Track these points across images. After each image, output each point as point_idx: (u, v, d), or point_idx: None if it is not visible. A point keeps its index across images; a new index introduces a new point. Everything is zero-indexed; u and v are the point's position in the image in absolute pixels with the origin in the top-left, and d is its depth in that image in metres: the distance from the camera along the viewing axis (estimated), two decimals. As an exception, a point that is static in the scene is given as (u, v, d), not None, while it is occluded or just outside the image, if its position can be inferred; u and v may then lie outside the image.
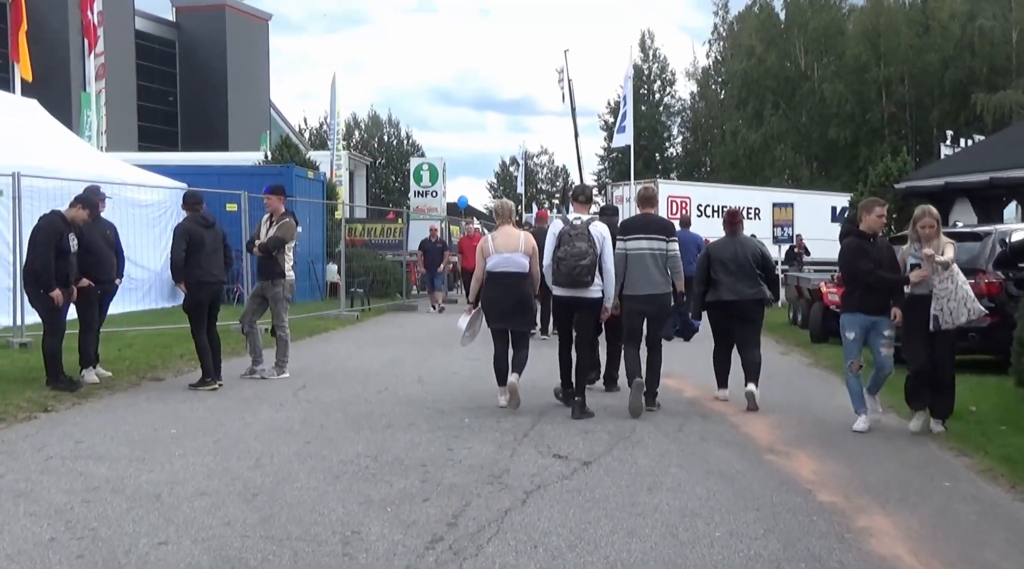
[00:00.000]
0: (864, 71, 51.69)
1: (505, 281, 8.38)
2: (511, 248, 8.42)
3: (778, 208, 24.09)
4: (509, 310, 8.37)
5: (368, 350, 12.78)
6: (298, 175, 21.00)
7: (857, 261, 7.63)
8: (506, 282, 8.37)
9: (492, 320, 8.50)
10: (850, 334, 7.75)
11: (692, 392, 9.50)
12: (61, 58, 60.06)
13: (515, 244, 8.44)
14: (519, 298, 8.40)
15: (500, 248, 8.45)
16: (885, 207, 7.75)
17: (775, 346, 14.58)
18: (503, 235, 8.56)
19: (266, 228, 10.10)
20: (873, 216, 7.74)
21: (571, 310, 8.29)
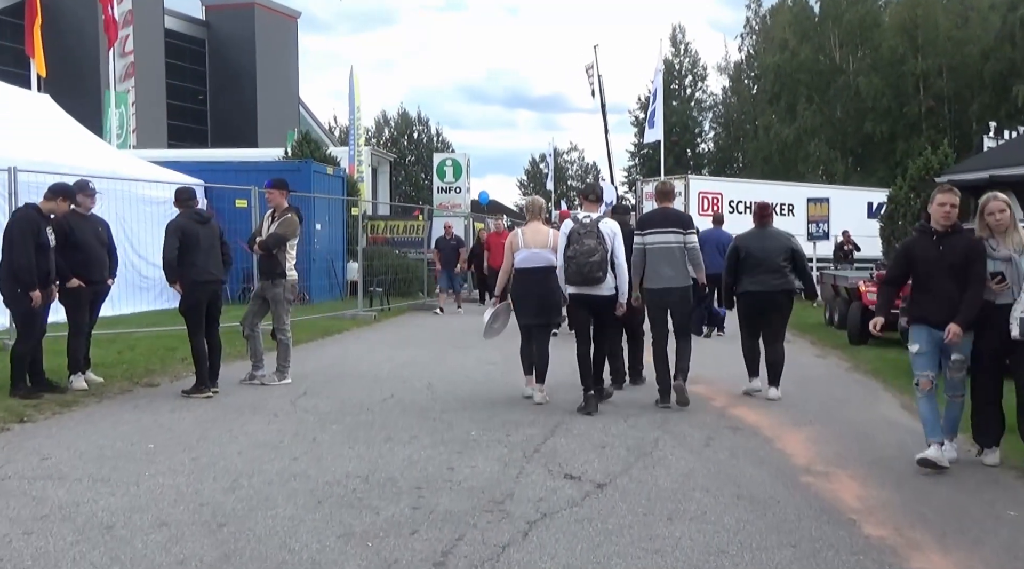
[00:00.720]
0: (901, 64, 50.39)
1: (533, 276, 8.53)
2: (540, 244, 8.57)
3: (813, 204, 23.23)
4: (537, 305, 8.54)
5: (380, 352, 12.17)
6: (316, 171, 20.46)
7: (894, 265, 6.77)
8: (534, 277, 8.52)
9: (521, 315, 8.69)
10: (914, 346, 6.39)
11: (722, 400, 8.79)
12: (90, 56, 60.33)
13: (544, 240, 8.58)
14: (547, 292, 8.53)
15: (529, 244, 8.61)
16: (953, 194, 6.32)
17: (811, 348, 13.83)
18: (532, 231, 8.69)
19: (268, 224, 9.50)
20: (934, 206, 6.38)
21: (587, 308, 8.33)
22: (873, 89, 50.70)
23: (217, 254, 8.90)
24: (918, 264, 6.42)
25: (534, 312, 8.56)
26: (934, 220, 6.40)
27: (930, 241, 6.39)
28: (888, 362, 11.83)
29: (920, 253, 6.43)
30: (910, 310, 6.54)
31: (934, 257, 6.29)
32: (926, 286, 6.35)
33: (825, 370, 11.36)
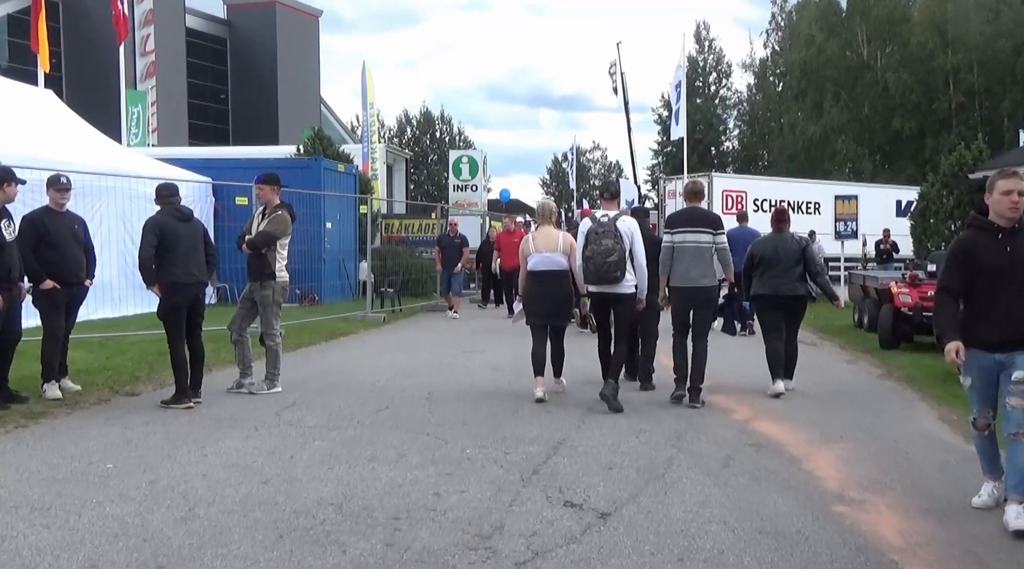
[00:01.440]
0: (931, 59, 49.26)
1: (545, 279, 8.63)
2: (550, 248, 8.67)
3: (841, 201, 22.39)
4: (548, 308, 8.63)
5: (383, 358, 11.54)
6: (327, 168, 19.89)
7: (950, 269, 5.24)
8: (546, 280, 8.62)
9: (531, 316, 8.74)
10: (967, 379, 5.20)
11: (743, 412, 8.09)
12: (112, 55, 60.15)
13: (554, 244, 8.69)
14: (558, 296, 8.65)
15: (540, 248, 8.71)
16: (1019, 179, 5.04)
17: (840, 353, 13.10)
18: (543, 235, 8.80)
19: (257, 222, 8.87)
20: (996, 195, 5.07)
21: (606, 306, 8.45)
22: (902, 85, 49.67)
23: (200, 254, 8.27)
24: (982, 269, 5.10)
25: (543, 313, 8.68)
26: (996, 213, 5.09)
27: (994, 240, 5.08)
28: (923, 368, 11.10)
29: (984, 256, 5.09)
30: (963, 328, 5.12)
31: (1002, 261, 5.02)
32: (989, 297, 5.05)
33: (855, 377, 10.63)
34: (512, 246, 16.54)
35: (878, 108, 52.60)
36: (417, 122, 79.50)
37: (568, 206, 60.16)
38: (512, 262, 16.36)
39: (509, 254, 16.80)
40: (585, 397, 8.80)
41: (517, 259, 16.06)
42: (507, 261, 17.26)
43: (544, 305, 8.65)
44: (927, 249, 21.47)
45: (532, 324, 8.75)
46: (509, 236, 17.79)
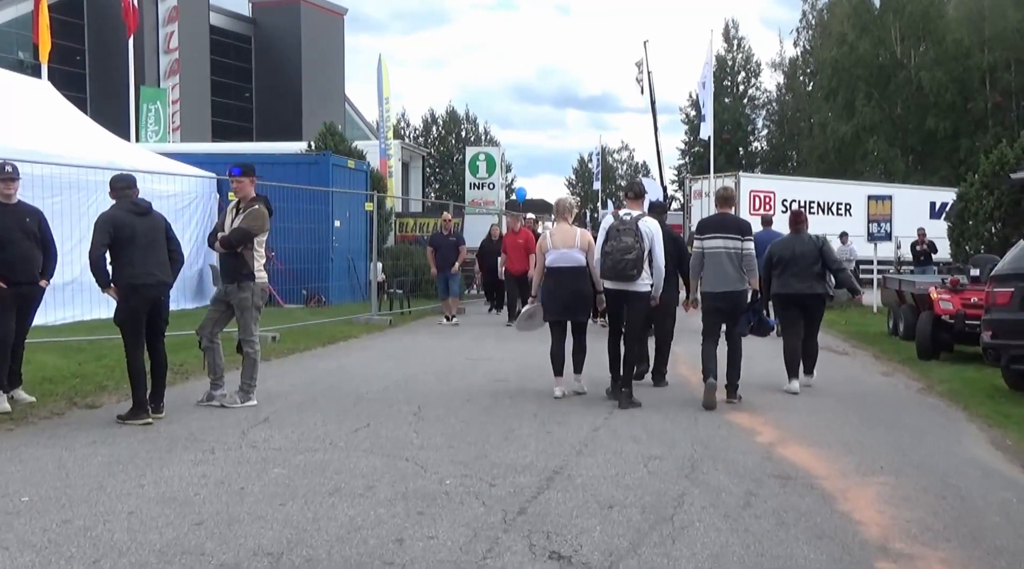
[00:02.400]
0: (966, 57, 47.94)
1: (563, 275, 8.71)
2: (567, 244, 8.73)
3: (875, 202, 21.28)
4: (567, 302, 8.73)
5: (380, 366, 10.70)
6: (335, 164, 19.10)
7: None
8: (564, 276, 8.71)
9: (550, 313, 8.85)
10: None
11: (768, 434, 7.17)
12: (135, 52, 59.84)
13: (571, 240, 8.76)
14: (576, 291, 8.71)
15: (557, 244, 8.77)
16: None
17: (874, 364, 12.13)
18: (560, 232, 8.86)
19: (231, 217, 8.03)
20: None
21: (620, 302, 8.44)
22: (936, 84, 48.40)
23: (160, 252, 7.41)
24: None
25: (561, 310, 8.78)
26: None
27: None
28: (967, 382, 10.15)
29: None
30: None
31: None
32: None
33: (893, 392, 9.67)
34: (518, 248, 15.78)
35: (911, 107, 51.28)
36: (443, 121, 79.08)
37: (593, 207, 59.32)
38: (520, 265, 15.51)
39: (515, 257, 15.95)
40: (593, 410, 7.96)
41: (524, 262, 15.18)
42: (513, 264, 16.12)
43: (562, 301, 8.75)
44: (966, 252, 20.38)
45: (550, 321, 8.88)
46: (514, 236, 16.32)
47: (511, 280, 16.12)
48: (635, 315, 8.39)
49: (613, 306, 8.62)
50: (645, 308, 8.43)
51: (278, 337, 12.45)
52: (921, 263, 21.32)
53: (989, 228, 19.91)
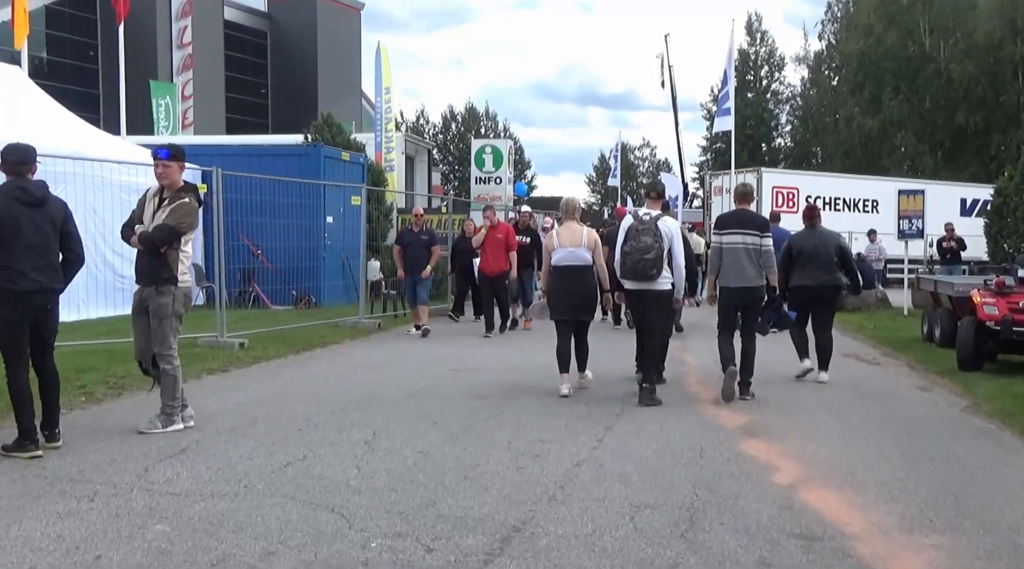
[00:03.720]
0: (998, 50, 46.19)
1: (569, 274, 8.71)
2: (574, 243, 8.73)
3: (905, 197, 19.89)
4: (573, 302, 8.71)
5: (350, 378, 9.49)
6: (328, 156, 17.91)
7: None
8: (570, 275, 8.70)
9: (556, 311, 8.85)
10: None
11: (789, 471, 5.90)
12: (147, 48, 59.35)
13: (578, 239, 8.74)
14: (583, 290, 8.73)
15: (564, 243, 8.76)
16: None
17: (909, 375, 10.83)
18: (567, 230, 8.85)
19: (152, 209, 6.79)
20: None
21: (639, 301, 8.47)
22: (966, 77, 46.76)
23: (50, 252, 6.01)
24: None
25: (568, 309, 8.75)
26: None
27: None
28: (1019, 400, 8.84)
29: None
30: None
31: None
32: None
33: (934, 412, 8.37)
34: (495, 244, 14.11)
35: (940, 102, 49.65)
36: (462, 118, 78.21)
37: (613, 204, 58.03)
38: (496, 265, 13.96)
39: (492, 253, 14.14)
40: (583, 433, 6.76)
41: (502, 261, 13.74)
42: (489, 262, 14.19)
43: (569, 300, 8.73)
44: (1004, 250, 19.00)
45: (556, 320, 8.87)
46: (492, 231, 14.22)
47: (485, 282, 14.29)
48: (656, 315, 8.42)
49: (635, 306, 8.73)
50: (667, 307, 8.52)
51: (246, 344, 11.29)
52: (948, 261, 19.81)
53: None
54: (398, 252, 14.35)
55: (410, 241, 14.25)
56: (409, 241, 14.28)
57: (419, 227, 14.33)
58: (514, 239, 14.10)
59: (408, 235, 14.47)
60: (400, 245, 14.41)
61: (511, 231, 14.26)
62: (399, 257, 14.27)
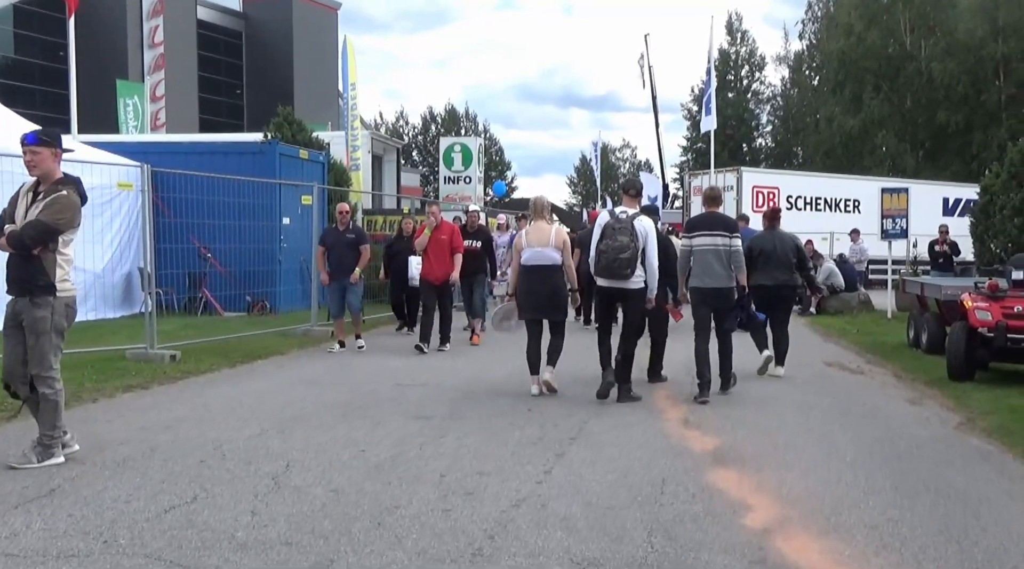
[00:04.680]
0: (979, 48, 45.73)
1: (538, 273, 8.70)
2: (542, 242, 8.71)
3: (889, 195, 19.14)
4: (543, 301, 8.73)
5: (282, 396, 8.53)
6: (283, 154, 16.96)
7: None
8: (539, 274, 8.70)
9: (526, 311, 8.85)
10: None
11: (764, 510, 5.05)
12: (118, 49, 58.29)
13: (546, 239, 8.72)
14: (552, 289, 8.71)
15: (532, 242, 8.75)
16: None
17: (896, 386, 10.04)
18: (536, 230, 8.83)
19: (25, 205, 5.84)
20: None
21: (613, 300, 8.55)
22: (947, 76, 46.31)
23: None
24: None
25: (536, 308, 8.78)
26: None
27: None
28: (1017, 414, 8.11)
29: None
30: None
31: None
32: None
33: (926, 431, 7.54)
34: (439, 246, 12.21)
35: (922, 101, 49.21)
36: (442, 119, 77.53)
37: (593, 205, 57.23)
38: (440, 269, 12.24)
39: (436, 257, 12.22)
40: (534, 459, 5.90)
41: (446, 264, 12.10)
42: (431, 267, 12.26)
43: (537, 300, 8.73)
44: (991, 251, 18.23)
45: (526, 320, 8.91)
46: (435, 231, 12.27)
47: (428, 289, 12.36)
48: (632, 313, 8.48)
49: (606, 304, 8.73)
50: (641, 306, 8.46)
51: (178, 356, 10.37)
52: (940, 266, 18.77)
53: (1017, 223, 17.71)
54: (320, 254, 12.59)
55: (334, 241, 12.42)
56: (333, 241, 12.43)
57: (344, 225, 12.49)
58: (459, 240, 12.43)
59: (331, 235, 12.61)
60: (322, 246, 12.61)
61: (456, 231, 12.60)
62: (321, 260, 12.53)
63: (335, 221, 12.96)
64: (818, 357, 12.25)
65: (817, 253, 21.63)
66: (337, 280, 12.26)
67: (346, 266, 12.19)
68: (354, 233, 12.54)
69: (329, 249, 12.44)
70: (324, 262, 12.46)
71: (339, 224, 12.60)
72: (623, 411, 7.91)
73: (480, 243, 13.54)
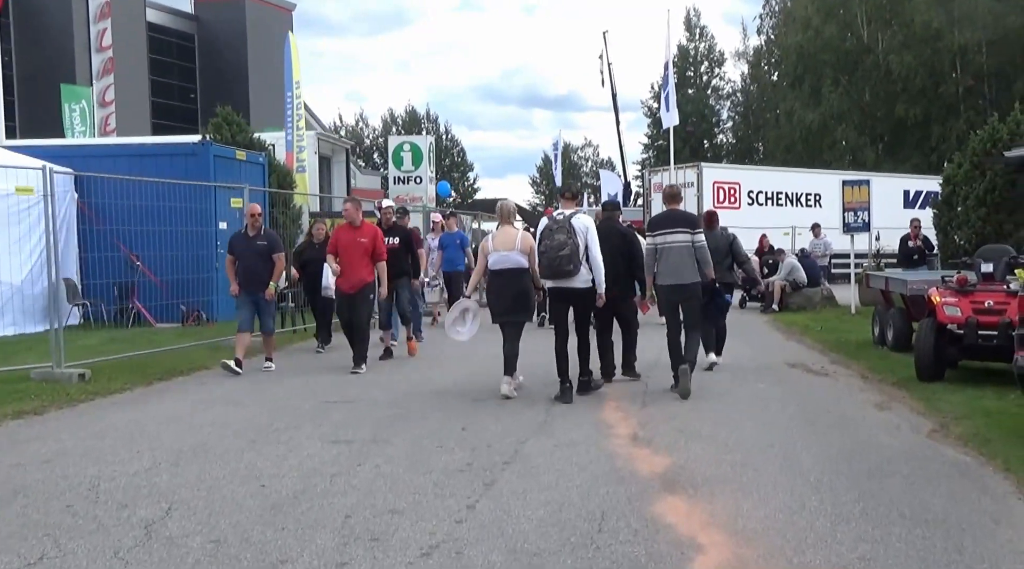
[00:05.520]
0: (936, 39, 45.70)
1: (505, 277, 8.79)
2: (508, 246, 8.81)
3: (850, 188, 18.62)
4: (510, 303, 8.77)
5: (188, 421, 7.62)
6: (219, 155, 16.07)
7: None
8: (506, 278, 8.78)
9: (496, 315, 8.94)
10: None
11: (717, 549, 4.34)
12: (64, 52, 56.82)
13: (512, 242, 8.82)
14: (519, 292, 8.79)
15: (498, 246, 8.85)
16: None
17: (863, 387, 9.43)
18: (502, 234, 8.93)
19: None
20: None
21: (564, 300, 8.69)
22: (905, 68, 46.30)
23: None
24: None
25: (507, 310, 8.82)
26: None
27: None
28: (991, 418, 7.55)
29: None
30: None
31: None
32: None
33: (896, 441, 6.87)
34: (356, 250, 10.62)
35: (880, 94, 49.19)
36: (403, 121, 76.65)
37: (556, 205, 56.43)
38: (353, 276, 10.65)
39: (352, 263, 10.64)
40: (445, 505, 5.12)
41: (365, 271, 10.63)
42: (347, 275, 10.68)
43: (506, 302, 8.80)
44: (955, 243, 17.74)
45: (500, 323, 8.93)
46: (351, 232, 10.66)
47: (343, 300, 10.95)
48: (581, 311, 8.68)
49: (556, 305, 8.90)
50: (591, 304, 8.62)
51: (88, 375, 9.51)
52: (913, 262, 17.17)
53: (981, 214, 17.23)
54: (229, 263, 10.91)
55: (243, 250, 10.72)
56: (242, 250, 10.74)
57: (255, 230, 10.79)
58: (382, 245, 10.82)
59: (240, 241, 10.85)
60: (231, 255, 10.93)
61: (379, 236, 10.89)
62: (231, 269, 10.86)
63: (246, 226, 11.18)
64: (780, 358, 11.63)
65: (777, 248, 21.08)
66: (248, 293, 10.72)
67: (258, 278, 10.64)
68: (266, 240, 10.85)
69: (238, 258, 10.81)
70: (233, 272, 10.84)
71: (249, 229, 10.84)
72: (567, 427, 7.19)
73: (398, 239, 12.01)
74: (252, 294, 10.72)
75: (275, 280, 10.80)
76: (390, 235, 11.84)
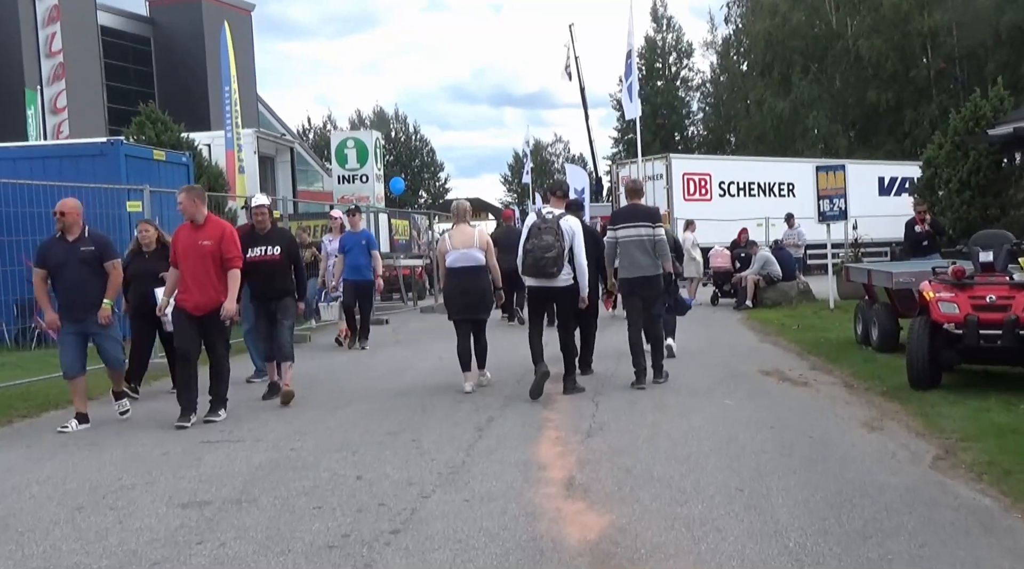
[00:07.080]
0: (906, 23, 44.77)
1: (464, 275, 8.94)
2: (466, 244, 8.97)
3: (824, 174, 17.36)
4: (469, 301, 8.93)
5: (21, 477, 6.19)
6: (131, 155, 14.52)
7: None
8: (465, 276, 8.94)
9: (454, 311, 9.04)
10: None
11: None
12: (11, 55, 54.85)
13: (470, 241, 8.99)
14: (478, 289, 8.97)
15: (457, 245, 8.99)
16: None
17: (848, 400, 8.15)
18: (459, 233, 9.07)
19: None
20: None
21: (545, 298, 8.84)
22: (875, 53, 45.36)
23: None
24: None
25: (465, 308, 8.94)
26: None
27: None
28: (1002, 436, 6.34)
29: None
30: None
31: None
32: None
33: (895, 479, 5.50)
34: (200, 255, 7.85)
35: (851, 80, 48.19)
36: (371, 122, 75.31)
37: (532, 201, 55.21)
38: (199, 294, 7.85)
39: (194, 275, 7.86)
40: None
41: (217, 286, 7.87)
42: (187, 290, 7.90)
43: (464, 299, 8.92)
44: (943, 229, 16.50)
45: (455, 320, 9.02)
46: (192, 233, 7.93)
47: (182, 325, 7.96)
48: (563, 309, 8.76)
49: (537, 303, 9.01)
50: (572, 302, 8.65)
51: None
52: (923, 250, 14.23)
53: (966, 197, 16.02)
54: (40, 280, 7.85)
55: (61, 260, 7.77)
56: (59, 260, 7.77)
57: (74, 234, 7.83)
58: (234, 247, 7.98)
59: (55, 249, 7.84)
60: (42, 268, 7.84)
61: (230, 234, 8.08)
62: (42, 290, 7.88)
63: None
64: (753, 364, 10.31)
65: (750, 241, 19.81)
66: (73, 322, 7.78)
67: (85, 298, 7.72)
68: (93, 244, 7.87)
69: (52, 273, 7.80)
70: (46, 294, 7.90)
71: (67, 233, 7.84)
72: (489, 469, 5.80)
73: (279, 249, 9.06)
74: (79, 322, 7.79)
75: (110, 297, 7.86)
76: (267, 243, 9.04)
